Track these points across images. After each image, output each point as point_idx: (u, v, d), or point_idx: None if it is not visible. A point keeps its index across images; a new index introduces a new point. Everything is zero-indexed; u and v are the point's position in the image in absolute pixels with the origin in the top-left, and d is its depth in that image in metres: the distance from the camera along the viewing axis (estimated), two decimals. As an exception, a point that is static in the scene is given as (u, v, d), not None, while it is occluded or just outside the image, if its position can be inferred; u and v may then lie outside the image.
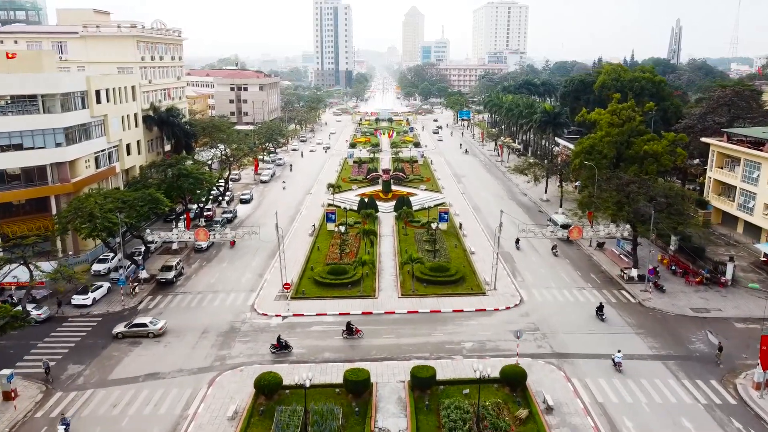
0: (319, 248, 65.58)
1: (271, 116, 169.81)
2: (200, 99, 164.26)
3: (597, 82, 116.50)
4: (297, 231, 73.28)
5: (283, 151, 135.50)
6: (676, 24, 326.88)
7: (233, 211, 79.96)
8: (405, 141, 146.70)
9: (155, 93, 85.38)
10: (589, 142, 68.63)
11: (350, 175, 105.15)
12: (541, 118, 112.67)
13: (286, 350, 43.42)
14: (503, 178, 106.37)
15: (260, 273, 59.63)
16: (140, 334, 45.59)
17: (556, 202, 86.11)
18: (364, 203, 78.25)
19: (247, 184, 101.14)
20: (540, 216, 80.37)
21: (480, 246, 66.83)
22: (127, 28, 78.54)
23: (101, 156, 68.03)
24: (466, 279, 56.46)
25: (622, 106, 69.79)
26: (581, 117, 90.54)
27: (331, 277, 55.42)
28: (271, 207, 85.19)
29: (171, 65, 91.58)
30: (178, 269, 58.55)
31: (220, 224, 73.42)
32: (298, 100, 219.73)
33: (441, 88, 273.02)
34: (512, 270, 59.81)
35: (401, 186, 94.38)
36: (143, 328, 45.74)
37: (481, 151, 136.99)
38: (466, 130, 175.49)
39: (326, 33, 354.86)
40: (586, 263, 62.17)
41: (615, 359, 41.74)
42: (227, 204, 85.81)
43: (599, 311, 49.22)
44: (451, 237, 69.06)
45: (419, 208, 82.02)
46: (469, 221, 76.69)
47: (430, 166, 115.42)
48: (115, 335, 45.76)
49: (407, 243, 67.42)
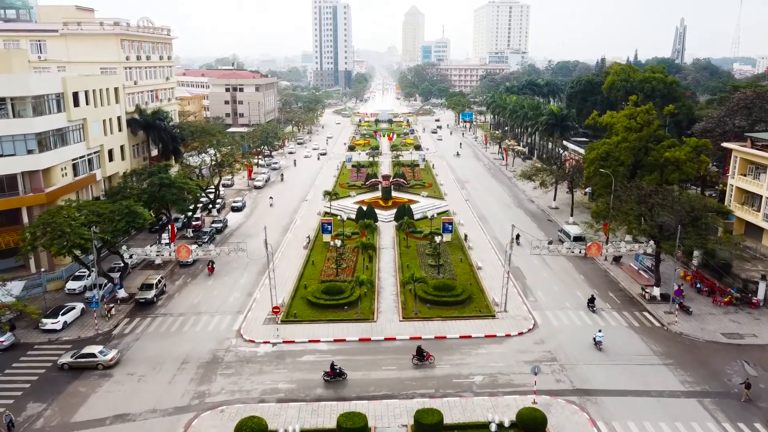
0: (313, 263, 60.81)
1: (267, 118, 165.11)
2: (195, 100, 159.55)
3: (605, 83, 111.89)
4: (291, 243, 68.49)
5: (280, 154, 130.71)
6: (680, 23, 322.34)
7: (223, 221, 75.17)
8: (405, 143, 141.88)
9: (141, 95, 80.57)
10: (605, 148, 63.88)
11: (348, 181, 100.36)
12: (548, 121, 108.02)
13: (341, 377, 39.04)
14: (509, 184, 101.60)
15: (249, 291, 54.84)
16: (88, 366, 40.67)
17: (566, 210, 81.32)
18: (362, 212, 73.49)
19: (240, 190, 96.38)
20: (549, 226, 75.60)
21: (487, 260, 62.06)
22: (110, 26, 73.74)
23: (80, 163, 63.27)
24: (474, 299, 51.68)
25: (640, 109, 65.03)
26: (592, 120, 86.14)
27: (326, 297, 50.66)
28: (264, 215, 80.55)
29: (159, 65, 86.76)
30: (160, 287, 53.77)
31: (208, 235, 68.67)
32: (296, 100, 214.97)
33: (442, 89, 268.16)
34: (523, 288, 55.03)
35: (402, 192, 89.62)
36: (91, 359, 40.75)
37: (484, 154, 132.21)
38: (468, 132, 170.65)
39: (325, 32, 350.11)
40: (603, 280, 57.40)
41: (596, 338, 43.94)
42: (218, 212, 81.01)
43: (590, 303, 49.87)
44: (455, 250, 64.29)
45: (421, 216, 77.27)
46: (475, 232, 71.90)
47: (431, 170, 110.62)
48: (60, 366, 40.87)
49: (409, 256, 62.66)
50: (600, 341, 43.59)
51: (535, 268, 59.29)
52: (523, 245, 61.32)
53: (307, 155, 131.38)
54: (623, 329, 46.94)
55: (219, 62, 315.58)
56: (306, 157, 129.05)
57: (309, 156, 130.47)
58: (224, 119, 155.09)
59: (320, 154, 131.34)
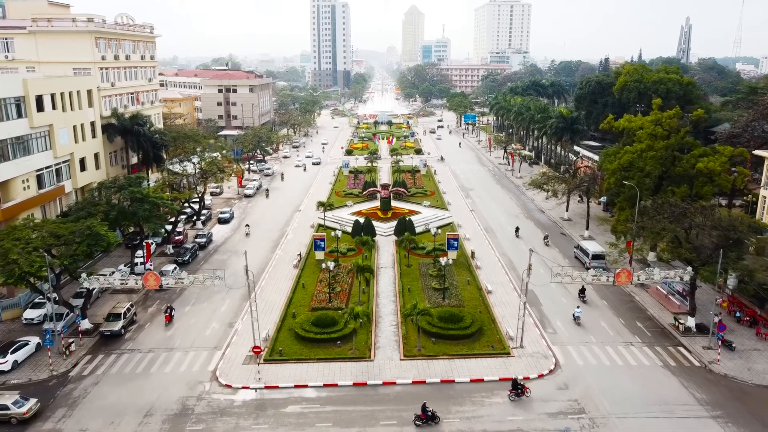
0: (304, 285, 54.50)
1: (262, 120, 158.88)
2: (187, 101, 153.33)
3: (617, 84, 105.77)
4: (280, 261, 62.18)
5: (274, 159, 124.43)
6: (686, 23, 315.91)
7: (207, 235, 68.83)
8: (406, 147, 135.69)
9: (120, 98, 74.27)
10: (627, 157, 57.56)
11: (345, 188, 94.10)
12: (557, 124, 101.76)
13: (433, 422, 33.93)
14: (516, 191, 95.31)
15: (230, 321, 48.55)
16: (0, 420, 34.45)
17: (580, 222, 75.11)
18: (359, 226, 67.21)
19: (229, 199, 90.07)
20: (563, 240, 69.34)
21: (497, 282, 55.78)
22: (83, 23, 67.42)
23: (45, 174, 57.09)
24: (485, 331, 45.42)
25: (667, 114, 58.73)
26: (607, 124, 79.95)
27: (316, 330, 44.38)
28: (252, 229, 74.22)
29: (140, 65, 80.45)
30: (129, 317, 47.48)
31: (189, 252, 62.39)
32: (293, 101, 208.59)
33: (442, 89, 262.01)
34: (539, 316, 48.77)
35: (402, 202, 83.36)
36: (3, 412, 34.44)
37: (488, 159, 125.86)
38: (470, 134, 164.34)
39: (323, 32, 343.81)
40: (628, 305, 51.15)
41: (575, 314, 47.33)
42: (203, 224, 74.70)
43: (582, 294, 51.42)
44: (462, 270, 58.01)
45: (423, 229, 71.05)
46: (482, 248, 65.60)
47: (433, 176, 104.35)
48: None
49: (410, 277, 56.40)
50: (579, 317, 47.45)
51: (550, 291, 52.96)
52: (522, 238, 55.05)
53: (298, 164, 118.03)
54: (658, 369, 40.70)
55: (215, 62, 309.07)
56: (297, 167, 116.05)
57: (300, 165, 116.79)
58: (217, 121, 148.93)
59: (314, 162, 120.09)
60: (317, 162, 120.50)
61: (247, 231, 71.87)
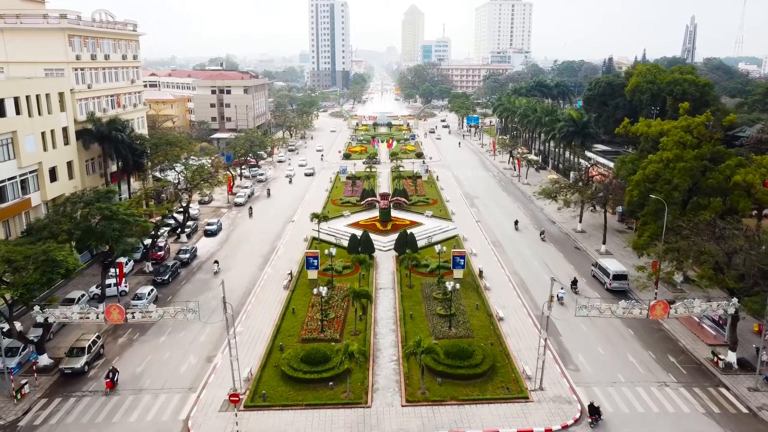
0: (294, 311, 48.91)
1: (258, 122, 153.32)
2: (179, 103, 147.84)
3: (629, 85, 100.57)
4: (269, 281, 56.59)
5: (268, 164, 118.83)
6: (691, 22, 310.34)
7: (191, 250, 63.20)
8: (406, 150, 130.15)
9: (98, 101, 68.74)
10: (653, 167, 51.96)
11: (342, 196, 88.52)
12: (567, 128, 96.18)
13: None
14: (523, 199, 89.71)
15: (209, 354, 43.01)
16: None
17: (595, 235, 69.64)
18: (356, 241, 61.65)
19: (218, 208, 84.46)
20: (579, 257, 63.76)
21: (509, 306, 50.19)
22: (55, 19, 61.84)
23: (8, 186, 51.71)
24: (498, 368, 39.87)
25: (698, 120, 53.13)
26: (623, 129, 74.49)
27: (306, 369, 38.83)
28: (241, 241, 68.82)
29: (121, 66, 74.88)
30: (95, 351, 41.93)
31: (170, 270, 56.83)
32: (290, 102, 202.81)
33: (443, 90, 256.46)
34: (559, 350, 43.19)
35: (403, 212, 77.82)
36: None
37: (492, 163, 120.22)
38: (473, 137, 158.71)
39: (322, 31, 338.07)
40: (657, 336, 45.58)
41: (558, 295, 49.00)
42: (187, 237, 69.13)
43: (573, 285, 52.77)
44: (469, 291, 52.44)
45: (426, 243, 65.50)
46: (491, 265, 60.01)
47: (435, 182, 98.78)
48: None
49: (412, 301, 50.84)
50: (562, 297, 49.41)
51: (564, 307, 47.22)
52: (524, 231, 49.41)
53: (288, 173, 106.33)
54: (700, 417, 35.16)
55: (212, 62, 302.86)
56: (287, 177, 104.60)
57: (291, 174, 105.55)
58: (210, 123, 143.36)
59: (306, 173, 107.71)
60: (310, 172, 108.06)
61: (216, 268, 58.26)
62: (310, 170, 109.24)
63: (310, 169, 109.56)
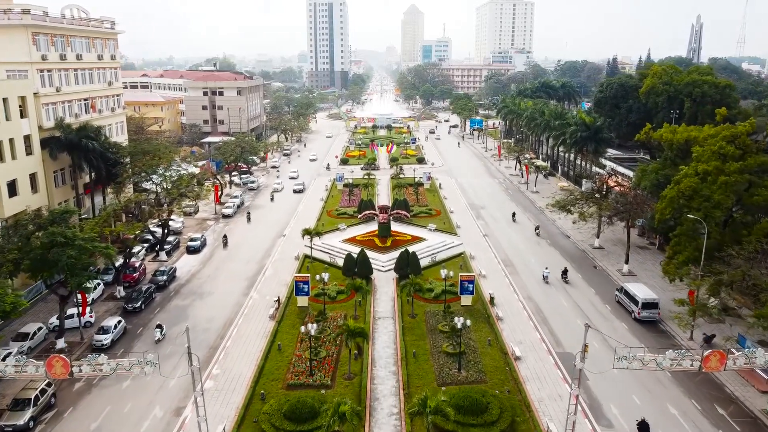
0: (280, 348, 42.65)
1: (252, 124, 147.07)
2: (169, 105, 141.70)
3: (643, 86, 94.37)
4: (253, 308, 50.27)
5: (261, 169, 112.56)
6: (697, 21, 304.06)
7: (169, 271, 56.88)
8: (407, 155, 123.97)
9: (68, 105, 62.56)
10: (689, 182, 45.65)
11: (338, 206, 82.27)
12: (579, 133, 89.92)
13: None
14: (533, 210, 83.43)
15: (178, 406, 36.69)
16: None
17: (614, 251, 63.54)
18: (352, 261, 55.38)
19: (204, 220, 78.17)
20: (599, 278, 57.54)
21: (527, 342, 43.93)
22: (17, 15, 55.60)
23: (-45, 203, 45.32)
24: (518, 424, 33.65)
25: (742, 129, 46.82)
26: (644, 135, 68.52)
27: (290, 428, 32.63)
28: (226, 260, 62.59)
29: (97, 66, 68.65)
30: (43, 402, 35.69)
31: (143, 296, 50.61)
32: (287, 103, 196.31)
33: (444, 90, 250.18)
34: (588, 400, 36.86)
35: (403, 225, 71.62)
36: None
37: (498, 169, 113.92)
38: (477, 141, 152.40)
39: (320, 31, 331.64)
40: (700, 380, 39.19)
41: (544, 274, 54.72)
42: (167, 255, 62.88)
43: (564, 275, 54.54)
44: (480, 323, 46.21)
45: (429, 262, 59.44)
46: (502, 289, 53.75)
47: (438, 191, 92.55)
48: None
49: (415, 334, 44.60)
50: (546, 276, 54.29)
51: (596, 353, 41.02)
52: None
53: (276, 187, 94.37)
54: (766, 493, 28.97)
55: (209, 62, 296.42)
56: (276, 192, 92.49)
57: (279, 189, 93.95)
58: (202, 126, 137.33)
59: (296, 188, 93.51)
60: (299, 188, 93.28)
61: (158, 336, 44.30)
62: (299, 185, 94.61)
63: (299, 185, 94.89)
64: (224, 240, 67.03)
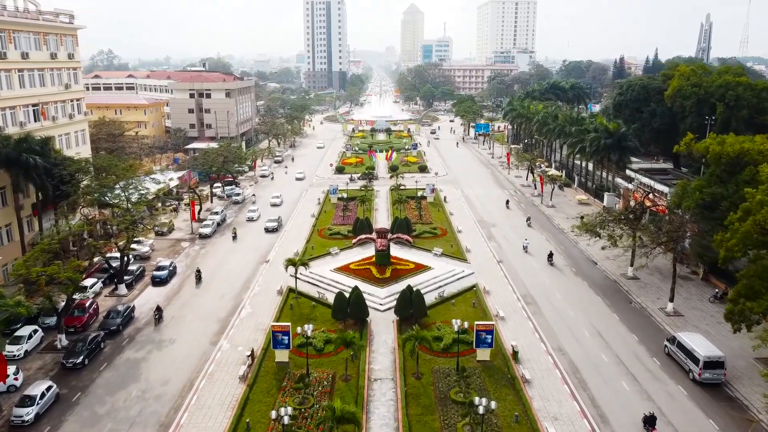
0: (249, 428, 33.22)
1: (243, 128, 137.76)
2: (153, 108, 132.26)
3: (669, 89, 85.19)
4: (221, 366, 40.70)
5: (249, 179, 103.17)
6: (706, 20, 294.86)
7: (124, 312, 47.25)
8: (408, 163, 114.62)
9: (11, 112, 53.16)
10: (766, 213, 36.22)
11: (331, 225, 72.88)
12: (601, 141, 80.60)
13: None
14: (551, 228, 73.98)
15: None
16: None
17: (652, 283, 54.34)
18: (344, 301, 45.95)
19: (178, 241, 68.65)
20: (634, 314, 48.19)
21: (564, 417, 34.49)
22: (-60, 5, 46.35)
23: None
24: None
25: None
26: (685, 147, 59.34)
27: None
28: (198, 294, 53.19)
29: (50, 67, 59.29)
30: None
31: (86, 348, 41.26)
32: (283, 105, 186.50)
33: (446, 91, 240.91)
34: None
35: (405, 248, 62.31)
36: None
37: (507, 178, 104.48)
38: (482, 146, 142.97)
39: (318, 30, 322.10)
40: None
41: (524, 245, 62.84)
42: (128, 288, 53.42)
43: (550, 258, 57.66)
44: (501, 386, 36.84)
45: (436, 298, 50.21)
46: (527, 337, 44.30)
47: (443, 205, 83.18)
48: None
49: (421, 405, 35.22)
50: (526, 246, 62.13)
51: (625, 400, 31.67)
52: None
53: (251, 215, 76.60)
54: None
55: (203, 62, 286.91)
56: (250, 221, 75.59)
57: (254, 218, 75.98)
58: (188, 131, 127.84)
59: (270, 226, 70.93)
60: (273, 226, 70.87)
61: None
62: (273, 223, 71.21)
63: (273, 223, 71.49)
64: (197, 275, 55.84)
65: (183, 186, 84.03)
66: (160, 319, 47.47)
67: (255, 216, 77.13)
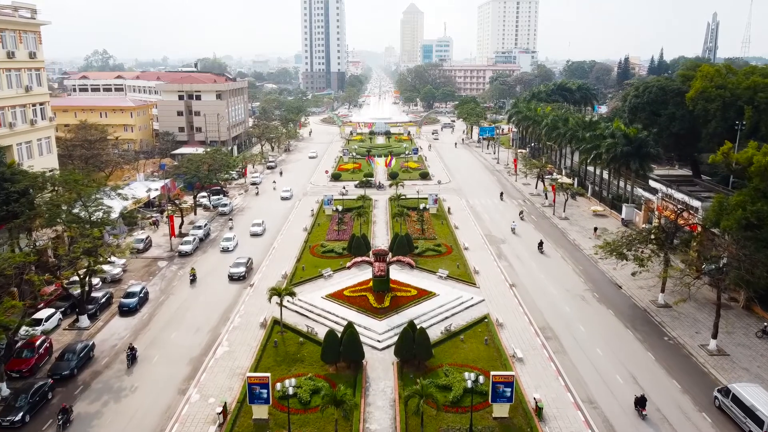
0: None
1: (235, 132, 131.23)
2: (141, 110, 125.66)
3: (691, 90, 78.70)
4: (186, 423, 34.05)
5: (239, 186, 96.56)
6: (713, 19, 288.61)
7: (81, 351, 40.65)
8: (408, 169, 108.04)
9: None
10: None
11: (324, 241, 66.29)
12: (619, 147, 74.06)
13: None
14: (566, 245, 67.26)
15: None
16: None
17: (687, 314, 47.79)
18: (335, 340, 39.28)
19: (155, 260, 62.03)
20: (671, 353, 41.62)
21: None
22: None
23: None
24: None
25: None
26: (722, 156, 52.97)
27: None
28: (171, 323, 46.71)
29: (5, 66, 52.69)
30: None
31: (26, 403, 34.61)
32: (278, 107, 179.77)
33: (447, 92, 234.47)
34: None
35: (406, 270, 55.72)
36: None
37: (514, 186, 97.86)
38: (487, 150, 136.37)
39: (316, 30, 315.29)
40: None
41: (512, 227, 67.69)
42: (89, 319, 46.77)
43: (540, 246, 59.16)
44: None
45: (443, 334, 43.61)
46: (549, 384, 37.69)
47: (448, 217, 76.55)
48: None
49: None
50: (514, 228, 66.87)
51: None
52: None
53: (226, 244, 63.94)
54: None
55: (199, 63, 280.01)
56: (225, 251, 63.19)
57: (229, 248, 63.56)
58: (176, 135, 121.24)
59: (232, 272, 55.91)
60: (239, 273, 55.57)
61: None
62: (241, 270, 55.86)
63: (240, 266, 56.42)
64: None
65: (164, 197, 77.40)
66: (134, 360, 40.87)
67: (231, 246, 64.19)
